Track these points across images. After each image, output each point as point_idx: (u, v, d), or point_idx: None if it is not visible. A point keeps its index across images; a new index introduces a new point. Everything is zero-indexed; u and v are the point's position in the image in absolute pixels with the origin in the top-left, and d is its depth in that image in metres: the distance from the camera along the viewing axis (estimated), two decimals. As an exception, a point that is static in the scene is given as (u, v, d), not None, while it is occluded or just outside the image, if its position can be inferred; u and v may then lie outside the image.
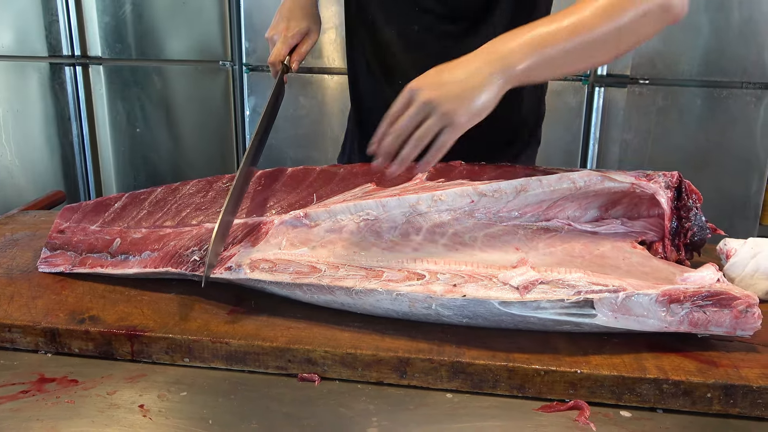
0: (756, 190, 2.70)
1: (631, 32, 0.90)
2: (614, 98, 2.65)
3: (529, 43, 0.86)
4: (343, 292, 0.86)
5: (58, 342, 0.88)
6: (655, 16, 0.90)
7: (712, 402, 0.76)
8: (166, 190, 1.11)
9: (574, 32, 0.87)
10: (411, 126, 0.83)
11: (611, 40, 0.89)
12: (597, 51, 0.90)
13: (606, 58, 0.93)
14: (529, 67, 0.85)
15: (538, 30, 0.87)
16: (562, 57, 0.87)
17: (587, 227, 1.03)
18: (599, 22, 0.87)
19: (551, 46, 0.86)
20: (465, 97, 0.83)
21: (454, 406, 0.78)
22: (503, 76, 0.84)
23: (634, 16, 0.88)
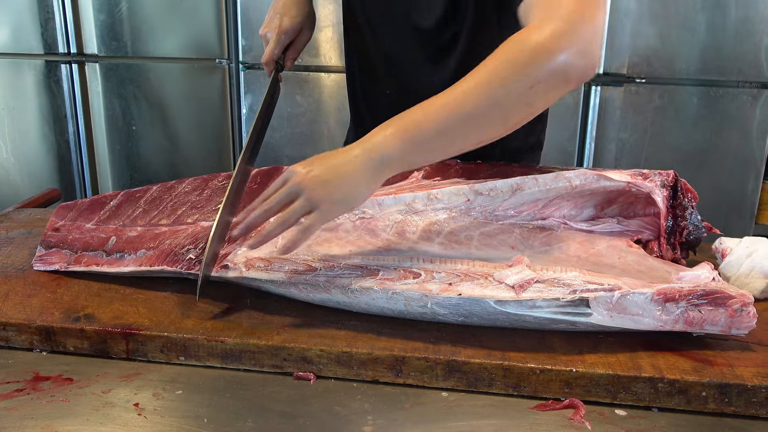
0: (752, 188, 2.70)
1: (521, 105, 0.82)
2: (611, 97, 2.65)
3: (402, 130, 0.81)
4: (338, 290, 0.86)
5: (53, 340, 0.87)
6: (549, 86, 0.82)
7: (707, 401, 0.76)
8: (162, 189, 1.11)
9: (451, 112, 0.81)
10: (278, 206, 0.83)
11: (496, 116, 0.82)
12: (480, 128, 0.82)
13: (496, 133, 0.84)
14: (403, 155, 0.82)
15: (413, 115, 0.82)
16: (437, 140, 0.82)
17: (583, 226, 1.03)
18: (478, 99, 0.80)
19: (424, 130, 0.81)
20: (333, 185, 0.81)
21: (449, 404, 0.78)
22: (376, 166, 0.82)
23: (521, 88, 0.80)
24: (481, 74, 0.81)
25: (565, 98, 2.65)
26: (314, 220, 0.82)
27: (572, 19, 0.81)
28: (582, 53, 0.81)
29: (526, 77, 0.80)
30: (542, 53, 0.80)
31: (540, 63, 0.80)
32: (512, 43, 0.82)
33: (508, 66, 0.80)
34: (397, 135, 0.81)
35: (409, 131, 0.81)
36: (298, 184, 0.82)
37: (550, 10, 0.83)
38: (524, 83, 0.80)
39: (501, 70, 0.81)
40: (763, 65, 2.53)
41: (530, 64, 0.80)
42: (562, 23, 0.81)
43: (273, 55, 1.21)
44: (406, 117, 0.82)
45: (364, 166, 0.81)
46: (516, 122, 0.84)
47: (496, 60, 0.81)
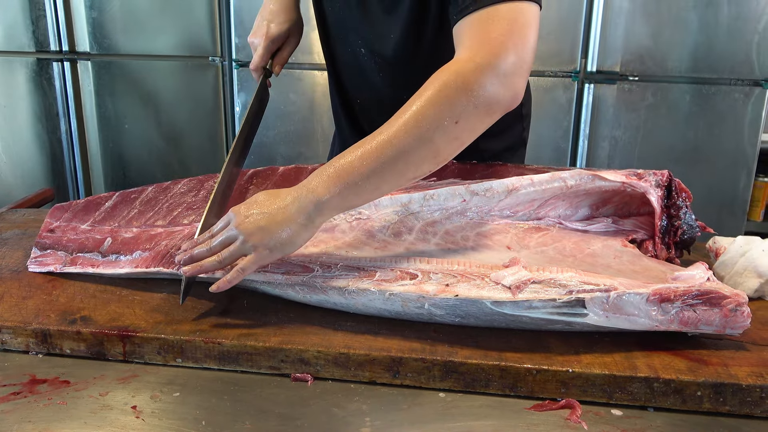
0: (744, 186, 2.72)
1: (449, 140, 0.85)
2: (604, 95, 2.66)
3: (336, 175, 0.84)
4: (335, 291, 0.86)
5: (50, 343, 0.87)
6: (474, 120, 0.85)
7: (702, 400, 0.77)
8: (157, 189, 1.11)
9: (382, 153, 0.83)
10: (220, 246, 0.87)
11: (426, 153, 0.84)
12: (412, 166, 0.84)
13: (428, 168, 0.86)
14: (336, 199, 0.84)
15: (345, 159, 0.85)
16: (371, 181, 0.84)
17: (578, 225, 1.03)
18: (407, 139, 0.83)
19: (357, 174, 0.83)
20: (269, 231, 0.84)
21: (446, 405, 0.78)
22: (310, 212, 0.84)
23: (446, 125, 0.83)
24: (408, 114, 0.84)
25: (558, 96, 2.66)
26: (249, 263, 0.85)
27: (496, 51, 0.85)
28: (504, 86, 0.85)
29: (451, 115, 0.84)
30: (464, 91, 0.84)
31: (463, 100, 0.84)
32: (437, 80, 0.85)
33: (432, 105, 0.84)
34: (331, 180, 0.84)
35: (342, 176, 0.84)
36: (236, 228, 0.85)
37: (476, 39, 0.87)
38: (449, 120, 0.84)
39: (426, 109, 0.84)
40: (754, 63, 2.55)
41: (454, 102, 0.84)
42: (485, 56, 0.85)
43: (261, 61, 1.22)
44: (339, 161, 0.85)
45: (299, 213, 0.84)
46: (446, 157, 0.87)
47: (422, 98, 0.85)
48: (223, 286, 0.85)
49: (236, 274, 0.85)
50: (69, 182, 3.08)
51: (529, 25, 0.87)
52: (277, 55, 1.25)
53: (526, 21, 0.87)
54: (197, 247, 0.88)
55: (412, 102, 0.85)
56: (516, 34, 0.86)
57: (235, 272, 0.85)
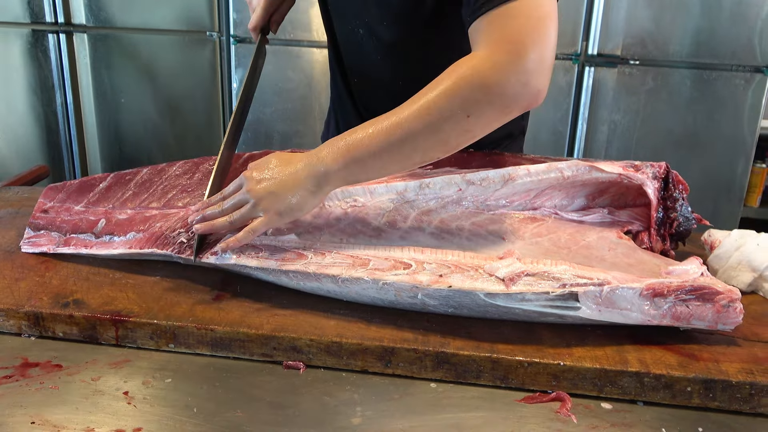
0: (741, 172, 2.72)
1: (459, 132, 0.84)
2: (604, 78, 2.64)
3: (345, 149, 0.86)
4: (329, 279, 0.86)
5: (42, 326, 0.87)
6: (487, 116, 0.84)
7: (692, 395, 0.77)
8: (152, 171, 1.10)
9: (391, 136, 0.84)
10: (231, 209, 0.90)
11: (435, 141, 0.85)
12: (419, 151, 0.85)
13: (436, 155, 0.87)
14: (343, 171, 0.86)
15: (356, 134, 0.86)
16: (377, 161, 0.85)
17: (574, 216, 1.03)
18: (417, 126, 0.83)
19: (365, 151, 0.85)
20: (278, 196, 0.87)
21: (437, 396, 0.79)
22: (319, 180, 0.87)
23: (458, 118, 0.83)
24: (421, 101, 0.84)
25: (558, 79, 2.64)
26: (259, 225, 0.88)
27: (515, 49, 0.82)
28: (523, 84, 0.83)
29: (463, 109, 0.83)
30: (480, 88, 0.82)
31: (477, 97, 0.83)
32: (454, 73, 0.84)
33: (446, 97, 0.83)
34: (341, 153, 0.86)
35: (351, 151, 0.86)
36: (248, 192, 0.88)
37: (494, 36, 0.84)
38: (462, 113, 0.83)
39: (440, 100, 0.83)
40: (756, 49, 2.53)
41: (468, 98, 0.83)
42: (503, 54, 0.83)
43: (260, 21, 1.25)
44: (351, 136, 0.87)
45: (307, 180, 0.87)
46: (455, 146, 0.87)
47: (437, 89, 0.84)
48: (233, 244, 0.89)
49: (246, 234, 0.88)
50: (64, 155, 3.06)
51: (547, 19, 0.83)
52: (274, 16, 1.28)
53: (544, 14, 0.83)
54: (209, 208, 0.91)
55: (428, 90, 0.85)
56: (534, 29, 0.83)
57: (245, 232, 0.88)
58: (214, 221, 0.90)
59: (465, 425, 0.73)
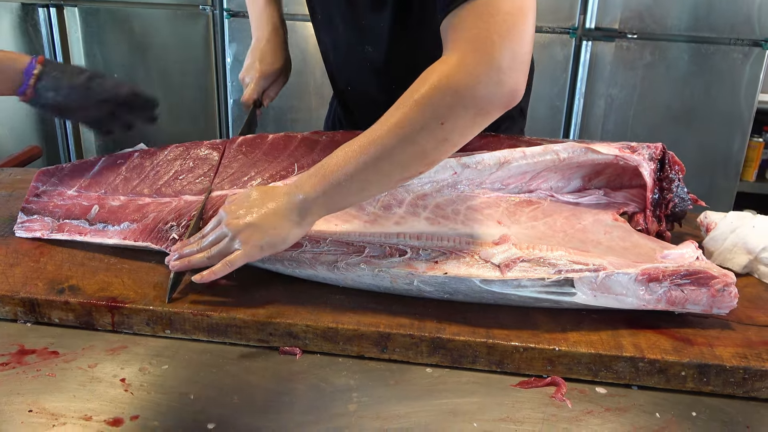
0: (738, 147, 2.71)
1: (436, 142, 0.80)
2: (602, 52, 2.62)
3: (322, 176, 0.83)
4: (324, 267, 0.86)
5: (38, 312, 0.87)
6: (463, 121, 0.79)
7: (686, 380, 0.78)
8: (143, 155, 1.09)
9: (367, 156, 0.81)
10: (209, 245, 0.87)
11: (413, 154, 0.81)
12: (399, 168, 0.82)
13: (417, 170, 0.83)
14: (322, 198, 0.83)
15: (332, 158, 0.83)
16: (357, 183, 0.82)
17: (570, 198, 1.03)
18: (390, 140, 0.80)
19: (343, 175, 0.82)
20: (259, 227, 0.84)
21: (433, 381, 0.79)
22: (300, 210, 0.84)
23: (432, 127, 0.79)
24: (394, 115, 0.81)
25: (555, 53, 2.62)
26: (237, 257, 0.84)
27: (484, 47, 0.77)
28: (496, 84, 0.78)
29: (436, 117, 0.78)
30: (451, 92, 0.78)
31: (449, 102, 0.78)
32: (424, 80, 0.80)
33: (417, 106, 0.79)
34: (318, 180, 0.83)
35: (328, 176, 0.83)
36: (227, 226, 0.85)
37: (464, 35, 0.79)
38: (435, 122, 0.78)
39: (411, 111, 0.79)
40: (755, 23, 2.50)
41: (439, 104, 0.78)
42: (472, 54, 0.78)
43: (252, 95, 1.27)
44: (328, 161, 0.84)
45: (288, 211, 0.84)
46: (436, 157, 0.83)
47: (408, 100, 0.80)
48: (208, 277, 0.84)
49: (223, 266, 0.84)
50: (58, 134, 3.04)
51: (519, 12, 0.77)
52: (266, 92, 1.30)
53: (516, 7, 0.77)
54: (187, 248, 0.88)
55: (398, 103, 0.81)
56: (505, 25, 0.77)
57: (222, 265, 0.84)
58: (191, 257, 0.86)
59: (460, 410, 0.74)
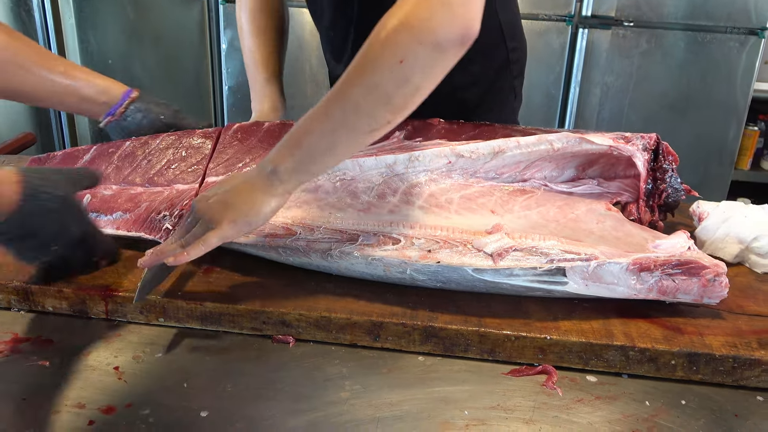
0: (733, 135, 2.72)
1: (398, 83, 0.77)
2: (598, 40, 2.61)
3: (287, 140, 0.82)
4: (318, 255, 0.86)
5: (32, 300, 0.87)
6: (422, 59, 0.77)
7: (676, 368, 0.79)
8: (135, 144, 1.09)
9: (329, 108, 0.79)
10: (184, 232, 0.85)
11: (376, 100, 0.78)
12: (365, 118, 0.79)
13: (384, 118, 0.79)
14: (291, 163, 0.81)
15: (298, 122, 0.82)
16: (322, 140, 0.80)
17: (563, 187, 1.03)
18: (353, 88, 0.78)
19: (307, 135, 0.80)
20: (230, 204, 0.82)
21: (425, 369, 0.80)
22: (271, 179, 0.82)
23: (391, 66, 0.76)
24: (354, 65, 0.79)
25: (551, 41, 2.61)
26: (211, 236, 0.82)
27: None
28: (451, 17, 0.76)
29: (394, 55, 0.76)
30: (405, 28, 0.76)
31: (404, 39, 0.76)
32: (381, 24, 0.78)
33: (375, 47, 0.77)
34: (286, 145, 0.82)
35: (295, 141, 0.81)
36: (198, 212, 0.84)
37: None
38: (393, 60, 0.76)
39: (370, 53, 0.78)
40: (751, 11, 2.50)
41: (395, 42, 0.76)
42: None
43: None
44: (294, 128, 0.82)
45: (260, 183, 0.82)
46: (401, 103, 0.79)
47: (367, 45, 0.79)
48: (181, 258, 0.81)
49: (197, 247, 0.81)
50: (52, 121, 3.02)
51: None
52: None
53: None
54: (163, 244, 0.86)
55: (359, 52, 0.80)
56: None
57: (196, 245, 0.81)
58: (163, 247, 0.83)
59: (452, 398, 0.75)
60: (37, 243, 0.82)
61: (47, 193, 0.80)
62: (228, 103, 2.90)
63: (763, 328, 0.82)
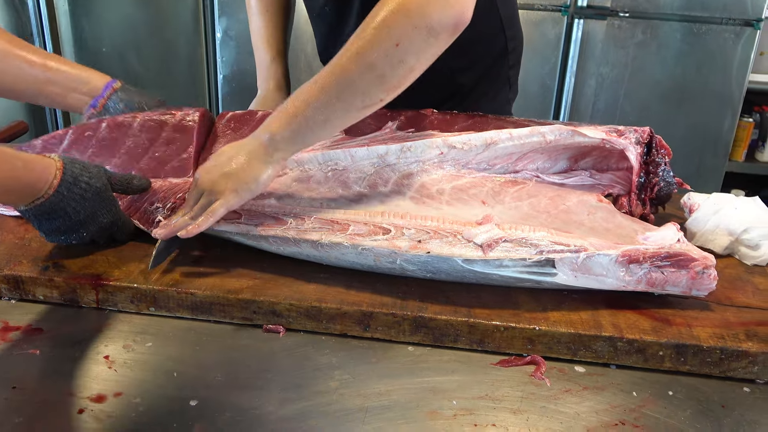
0: (728, 127, 2.72)
1: (393, 64, 0.83)
2: (593, 30, 2.61)
3: (284, 109, 0.86)
4: (308, 244, 0.86)
5: (22, 289, 0.87)
6: (416, 43, 0.83)
7: (664, 359, 0.79)
8: (111, 126, 1.06)
9: (327, 84, 0.84)
10: (192, 205, 0.89)
11: (371, 79, 0.84)
12: (360, 94, 0.85)
13: (378, 96, 0.86)
14: (288, 132, 0.86)
15: (296, 93, 0.86)
16: (318, 113, 0.85)
17: (555, 179, 1.03)
18: (350, 66, 0.83)
19: (305, 106, 0.85)
20: (231, 174, 0.86)
21: (415, 359, 0.80)
22: (267, 148, 0.86)
23: (386, 48, 0.82)
24: (352, 43, 0.84)
25: (547, 32, 2.60)
26: (217, 207, 0.86)
27: None
28: (445, 3, 0.82)
29: (390, 38, 0.82)
30: (402, 12, 0.82)
31: (400, 22, 0.82)
32: (379, 6, 0.84)
33: (373, 30, 0.83)
34: (283, 115, 0.86)
35: (291, 109, 0.85)
36: (200, 184, 0.88)
37: None
38: (390, 43, 0.82)
39: (367, 35, 0.83)
40: (747, 2, 2.50)
41: (392, 25, 0.82)
42: None
43: None
44: (291, 98, 0.86)
45: (257, 153, 0.86)
46: (395, 83, 0.85)
47: (365, 26, 0.84)
48: (193, 230, 0.86)
49: (206, 218, 0.86)
50: (46, 108, 3.01)
51: None
52: None
53: None
54: (173, 219, 0.89)
55: (356, 32, 0.84)
56: None
57: (205, 216, 0.86)
58: (175, 222, 0.88)
59: (440, 388, 0.75)
60: (66, 227, 0.88)
61: (86, 182, 0.87)
62: (223, 92, 2.89)
63: (751, 320, 0.83)
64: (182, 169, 1.02)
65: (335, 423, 0.69)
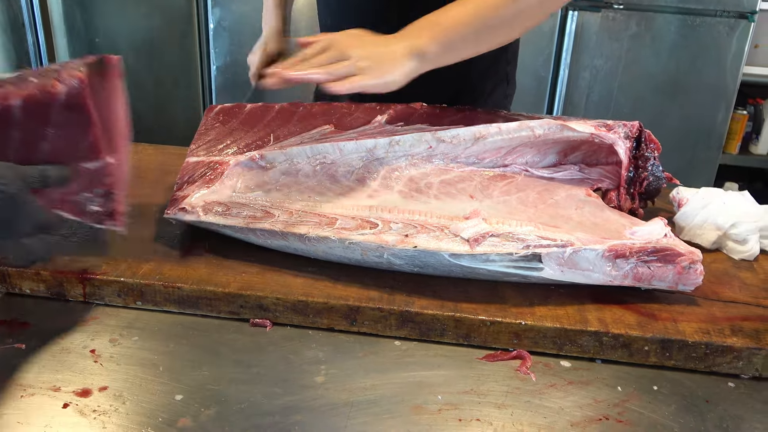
0: (722, 119, 2.72)
1: (529, 15, 0.97)
2: (588, 22, 2.60)
3: (441, 33, 0.92)
4: (296, 238, 0.86)
5: (9, 282, 0.87)
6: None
7: (649, 354, 0.79)
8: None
9: (484, 20, 0.94)
10: (327, 62, 0.88)
11: (512, 24, 0.97)
12: (497, 35, 0.98)
13: (504, 39, 1.01)
14: (438, 56, 0.93)
15: (451, 19, 0.93)
16: (468, 44, 0.95)
17: (544, 173, 1.03)
18: (506, 11, 0.94)
19: (460, 35, 0.94)
20: (379, 63, 0.89)
21: (401, 354, 0.80)
22: (415, 64, 0.91)
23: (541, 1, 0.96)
24: None
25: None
26: (357, 81, 0.87)
27: None
28: None
29: None
30: None
31: None
32: None
33: None
34: (438, 37, 0.92)
35: (447, 35, 0.93)
36: (348, 49, 0.88)
37: None
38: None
39: None
40: (742, -6, 2.49)
41: None
42: None
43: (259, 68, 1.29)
44: (444, 22, 0.93)
45: (407, 63, 0.90)
46: (520, 32, 1.02)
47: None
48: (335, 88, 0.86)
49: (341, 84, 0.86)
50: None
51: None
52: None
53: None
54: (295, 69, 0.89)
55: None
56: None
57: (341, 83, 0.86)
58: (309, 72, 0.88)
59: (426, 382, 0.75)
60: None
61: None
62: (216, 83, 2.88)
63: (736, 315, 0.83)
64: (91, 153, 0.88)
65: (321, 418, 0.69)
